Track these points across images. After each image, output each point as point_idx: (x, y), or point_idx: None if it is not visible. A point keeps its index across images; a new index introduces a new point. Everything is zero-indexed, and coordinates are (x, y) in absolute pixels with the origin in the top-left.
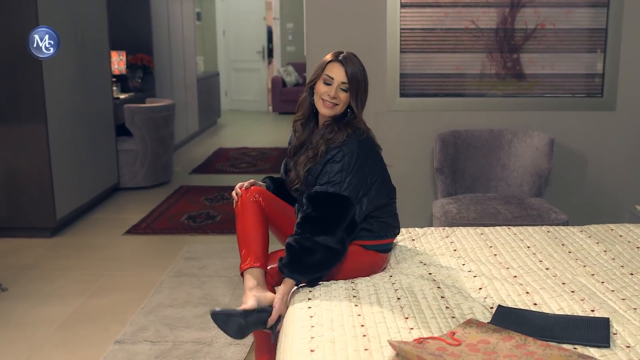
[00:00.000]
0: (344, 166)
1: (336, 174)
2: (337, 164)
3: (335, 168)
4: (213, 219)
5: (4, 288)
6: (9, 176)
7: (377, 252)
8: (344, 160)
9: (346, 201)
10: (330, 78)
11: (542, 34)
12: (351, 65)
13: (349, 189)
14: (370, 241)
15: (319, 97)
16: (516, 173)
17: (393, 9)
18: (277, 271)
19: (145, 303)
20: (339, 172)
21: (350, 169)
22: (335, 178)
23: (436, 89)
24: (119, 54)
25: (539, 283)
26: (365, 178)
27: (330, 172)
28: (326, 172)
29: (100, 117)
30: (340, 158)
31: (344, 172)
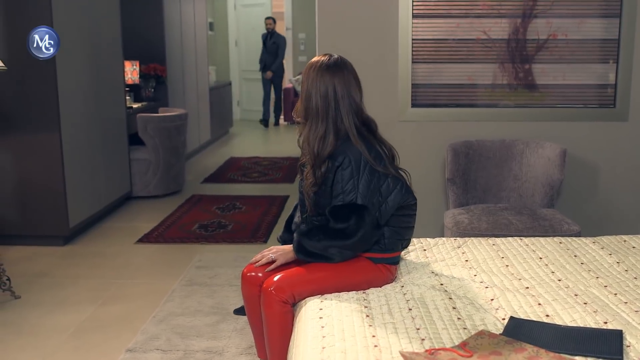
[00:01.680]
0: (352, 171)
1: (348, 181)
2: (346, 170)
3: (345, 175)
4: (224, 228)
5: (17, 295)
6: (22, 184)
7: (386, 264)
8: (351, 165)
9: (362, 209)
10: None
11: (554, 45)
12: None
13: (362, 196)
14: (378, 254)
15: None
16: (528, 184)
17: (405, 19)
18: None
19: (157, 312)
20: (350, 178)
21: (361, 172)
22: (348, 186)
23: (448, 99)
24: (133, 64)
25: (551, 294)
26: (380, 178)
27: (342, 181)
28: (338, 181)
29: (113, 126)
30: (348, 164)
31: (354, 178)
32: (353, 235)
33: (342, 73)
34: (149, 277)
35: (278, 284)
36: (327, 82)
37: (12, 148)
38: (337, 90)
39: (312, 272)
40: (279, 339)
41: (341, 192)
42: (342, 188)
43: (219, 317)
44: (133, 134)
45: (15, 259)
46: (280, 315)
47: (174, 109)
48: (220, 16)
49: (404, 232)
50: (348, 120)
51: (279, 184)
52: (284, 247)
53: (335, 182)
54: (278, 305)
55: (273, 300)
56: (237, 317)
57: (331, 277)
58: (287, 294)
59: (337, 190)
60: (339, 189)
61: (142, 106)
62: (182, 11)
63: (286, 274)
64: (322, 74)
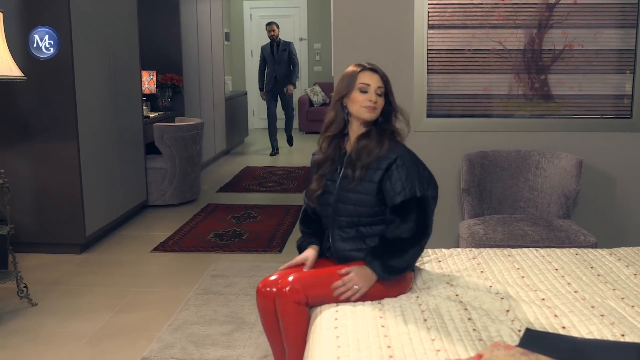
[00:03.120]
0: (408, 170)
1: (406, 178)
2: (402, 168)
3: (402, 174)
4: (240, 237)
5: (34, 303)
6: (40, 192)
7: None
8: (405, 164)
9: (426, 201)
10: (367, 85)
11: (570, 55)
12: (380, 70)
13: (422, 188)
14: None
15: (359, 105)
16: (544, 194)
17: (420, 30)
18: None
19: (172, 320)
20: (408, 176)
21: (416, 169)
22: (407, 183)
23: (463, 109)
24: (150, 74)
25: (567, 306)
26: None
27: (401, 179)
28: (396, 178)
29: (130, 135)
30: (402, 162)
31: (411, 175)
32: (427, 226)
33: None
34: (165, 286)
35: (292, 285)
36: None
37: (31, 157)
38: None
39: (327, 276)
40: (296, 339)
41: (402, 189)
42: (402, 186)
43: (234, 326)
44: (149, 143)
45: (32, 266)
46: (295, 315)
47: (190, 119)
48: (236, 26)
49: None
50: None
51: (293, 194)
52: (361, 272)
53: (392, 180)
54: (292, 306)
55: (287, 301)
56: (252, 326)
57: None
58: (301, 295)
59: (396, 188)
60: (399, 187)
61: (158, 115)
62: (199, 21)
63: (301, 275)
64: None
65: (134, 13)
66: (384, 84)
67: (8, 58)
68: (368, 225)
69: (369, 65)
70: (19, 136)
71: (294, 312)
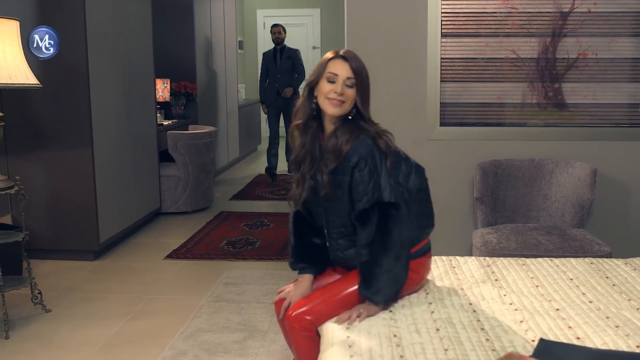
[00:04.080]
0: (371, 170)
1: (369, 182)
2: (363, 171)
3: (365, 176)
4: (252, 245)
5: (48, 309)
6: (55, 199)
7: (415, 259)
8: (368, 164)
9: (390, 206)
10: (334, 75)
11: (584, 64)
12: (354, 60)
13: (386, 192)
14: None
15: (324, 96)
16: (558, 203)
17: (433, 38)
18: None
19: (185, 327)
20: (370, 178)
21: (377, 169)
22: (370, 186)
23: (476, 118)
24: (164, 82)
25: (582, 317)
26: (396, 167)
27: (362, 182)
28: (358, 182)
29: (144, 143)
30: (365, 164)
31: (374, 177)
32: (390, 235)
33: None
34: (177, 293)
35: (297, 315)
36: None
37: (46, 164)
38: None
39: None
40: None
41: (365, 194)
42: (364, 189)
43: (246, 334)
44: (163, 150)
45: (46, 273)
46: (306, 344)
47: (204, 127)
48: (249, 35)
49: (425, 217)
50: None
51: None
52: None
53: (354, 184)
54: (299, 332)
55: (294, 328)
56: (264, 335)
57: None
58: (307, 322)
59: (359, 193)
60: (361, 191)
61: (172, 123)
62: (213, 30)
63: (305, 301)
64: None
65: (148, 22)
66: (354, 76)
67: (24, 66)
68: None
69: (344, 53)
70: (35, 143)
71: (302, 337)
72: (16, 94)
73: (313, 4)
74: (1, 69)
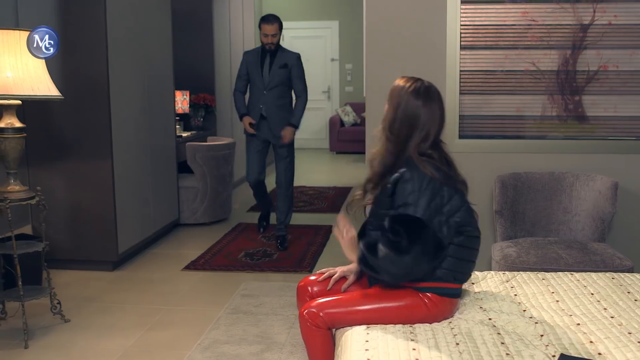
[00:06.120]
0: (414, 185)
1: (409, 194)
2: (407, 183)
3: (407, 188)
4: (270, 257)
5: (67, 319)
6: (74, 210)
7: (433, 294)
8: (413, 179)
9: (420, 224)
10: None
11: (605, 76)
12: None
13: (422, 211)
14: (425, 283)
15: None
16: (578, 217)
17: (453, 51)
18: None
19: (202, 339)
20: (412, 192)
21: (423, 187)
22: (409, 199)
23: (496, 130)
24: (183, 94)
25: (603, 332)
26: (443, 197)
27: (403, 193)
28: (399, 193)
29: (163, 154)
30: (409, 177)
31: (415, 192)
32: (407, 252)
33: (432, 104)
34: (195, 304)
35: (310, 310)
36: (417, 108)
37: (66, 174)
38: (421, 119)
39: (348, 303)
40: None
41: (401, 204)
42: (402, 200)
43: (264, 346)
44: (182, 162)
45: (66, 283)
46: (314, 338)
47: (222, 138)
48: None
49: (459, 264)
50: (414, 149)
51: (324, 214)
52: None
53: (396, 194)
54: (311, 330)
55: (305, 324)
56: (282, 347)
57: (364, 310)
58: (319, 319)
59: (397, 202)
60: (399, 201)
61: (191, 135)
62: (232, 42)
63: (322, 303)
64: (414, 98)
65: (168, 34)
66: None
67: (47, 78)
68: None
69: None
70: (55, 155)
71: (314, 335)
72: (38, 106)
73: (332, 16)
74: (24, 81)
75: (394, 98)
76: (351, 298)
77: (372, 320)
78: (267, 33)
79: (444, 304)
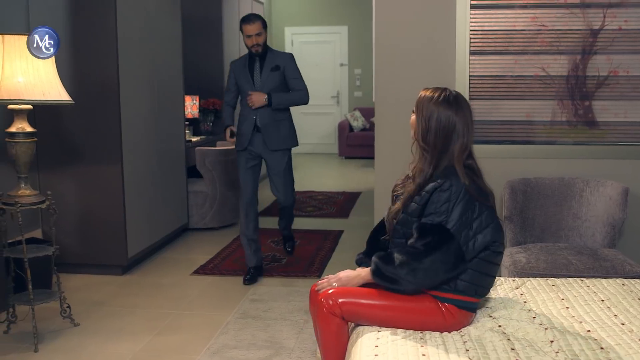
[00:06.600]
0: (451, 196)
1: (443, 203)
2: (444, 192)
3: (442, 197)
4: (279, 262)
5: (76, 323)
6: (84, 214)
7: (452, 305)
8: (451, 189)
9: (447, 234)
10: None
11: (615, 81)
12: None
13: (452, 222)
14: (446, 293)
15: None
16: (588, 223)
17: (462, 56)
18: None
19: (211, 343)
20: (446, 201)
21: (458, 199)
22: (442, 208)
23: (505, 135)
24: (192, 99)
25: (614, 339)
26: (474, 211)
27: (437, 202)
28: (433, 201)
29: (172, 158)
30: (448, 187)
31: (451, 202)
32: (426, 256)
33: (464, 112)
34: (204, 309)
35: (329, 297)
36: (449, 117)
37: (76, 179)
38: (457, 128)
39: (366, 295)
40: (329, 353)
41: (433, 212)
42: (435, 209)
43: (272, 351)
44: (191, 166)
45: (75, 287)
46: (328, 325)
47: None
48: None
49: (481, 278)
50: (458, 158)
51: (333, 219)
52: (349, 274)
53: (430, 202)
54: (327, 317)
55: (322, 312)
56: (291, 352)
57: (383, 305)
58: (336, 308)
59: (429, 210)
60: (431, 209)
61: (200, 140)
62: (242, 48)
63: (342, 289)
64: (445, 108)
65: (178, 39)
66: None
67: (57, 83)
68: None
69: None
70: (66, 159)
71: (329, 323)
72: (49, 111)
73: (341, 21)
74: (35, 86)
75: (424, 110)
76: (370, 291)
77: (386, 318)
78: (250, 33)
79: (460, 315)
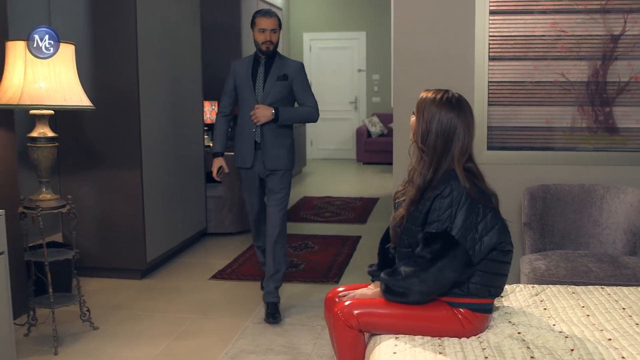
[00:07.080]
0: (452, 201)
1: (445, 210)
2: (445, 199)
3: (444, 204)
4: (297, 267)
5: (95, 327)
6: (104, 219)
7: (467, 310)
8: (452, 195)
9: (452, 241)
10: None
11: (636, 87)
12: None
13: (457, 228)
14: (459, 298)
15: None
16: (609, 230)
17: (481, 62)
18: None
19: (229, 348)
20: (448, 208)
21: (460, 203)
22: (445, 215)
23: (524, 142)
24: (211, 104)
25: (635, 347)
26: (478, 214)
27: (439, 209)
28: (435, 209)
29: (191, 163)
30: (448, 193)
31: (453, 208)
32: (433, 264)
33: (466, 114)
34: (222, 314)
35: (345, 309)
36: (451, 120)
37: (96, 183)
38: (458, 131)
39: (382, 305)
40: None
41: (436, 220)
42: (438, 216)
43: (290, 357)
44: (210, 172)
45: (94, 290)
46: (346, 338)
47: None
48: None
49: (493, 279)
50: (458, 162)
51: (351, 224)
52: (364, 293)
53: (432, 209)
54: (343, 330)
55: (339, 324)
56: (308, 358)
57: (399, 314)
58: (353, 320)
59: (432, 218)
60: (434, 217)
61: None
62: None
63: (358, 301)
64: (447, 110)
65: (198, 45)
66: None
67: (79, 88)
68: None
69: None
70: (86, 164)
71: (345, 336)
72: (70, 116)
73: (359, 27)
74: (57, 92)
75: (425, 111)
76: (386, 301)
77: (403, 327)
78: (265, 27)
79: (477, 320)
